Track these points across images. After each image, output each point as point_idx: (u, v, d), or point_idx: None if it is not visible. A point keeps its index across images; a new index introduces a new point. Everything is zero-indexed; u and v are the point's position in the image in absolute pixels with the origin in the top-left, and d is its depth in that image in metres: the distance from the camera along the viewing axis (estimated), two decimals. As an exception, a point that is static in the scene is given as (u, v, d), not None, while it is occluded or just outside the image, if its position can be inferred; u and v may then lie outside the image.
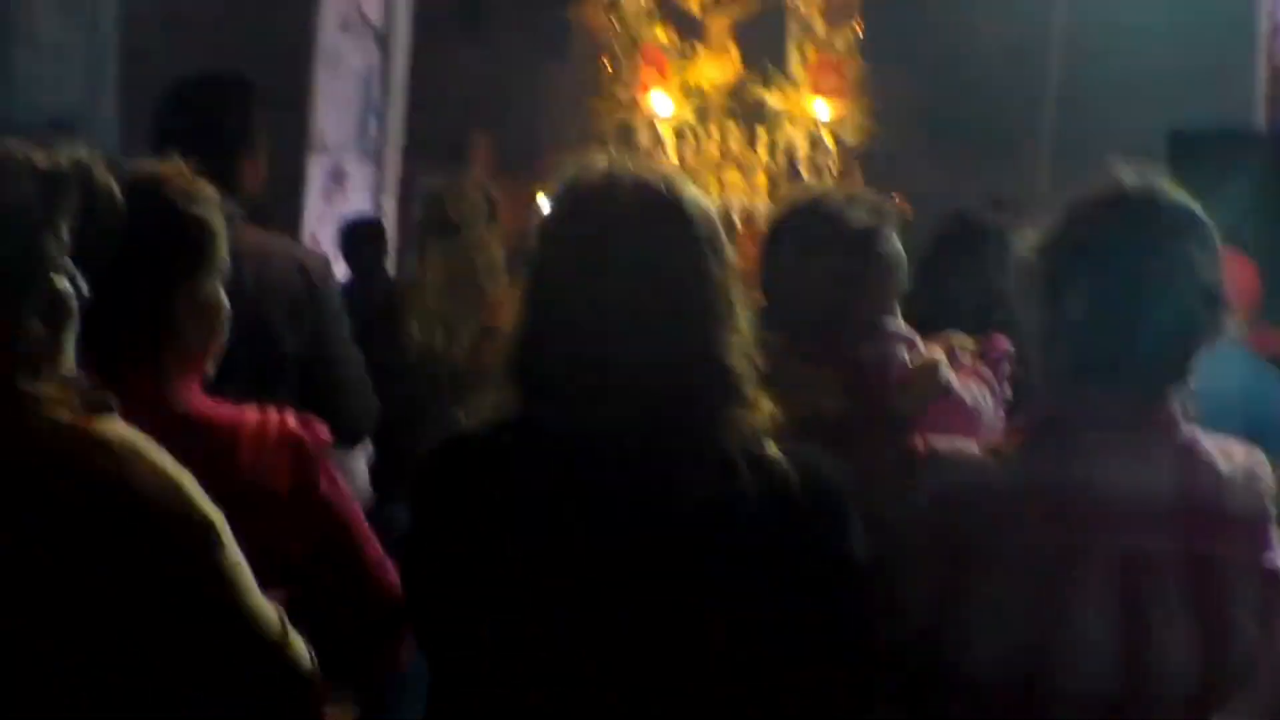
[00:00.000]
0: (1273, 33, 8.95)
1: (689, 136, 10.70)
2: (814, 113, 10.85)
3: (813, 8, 11.13)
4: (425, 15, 9.25)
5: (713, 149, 10.71)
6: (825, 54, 11.09)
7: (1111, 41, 10.46)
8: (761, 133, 10.84)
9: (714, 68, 10.90)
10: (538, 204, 1.94)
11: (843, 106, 10.91)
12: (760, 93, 10.91)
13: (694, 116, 10.71)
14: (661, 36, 10.87)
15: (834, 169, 10.60)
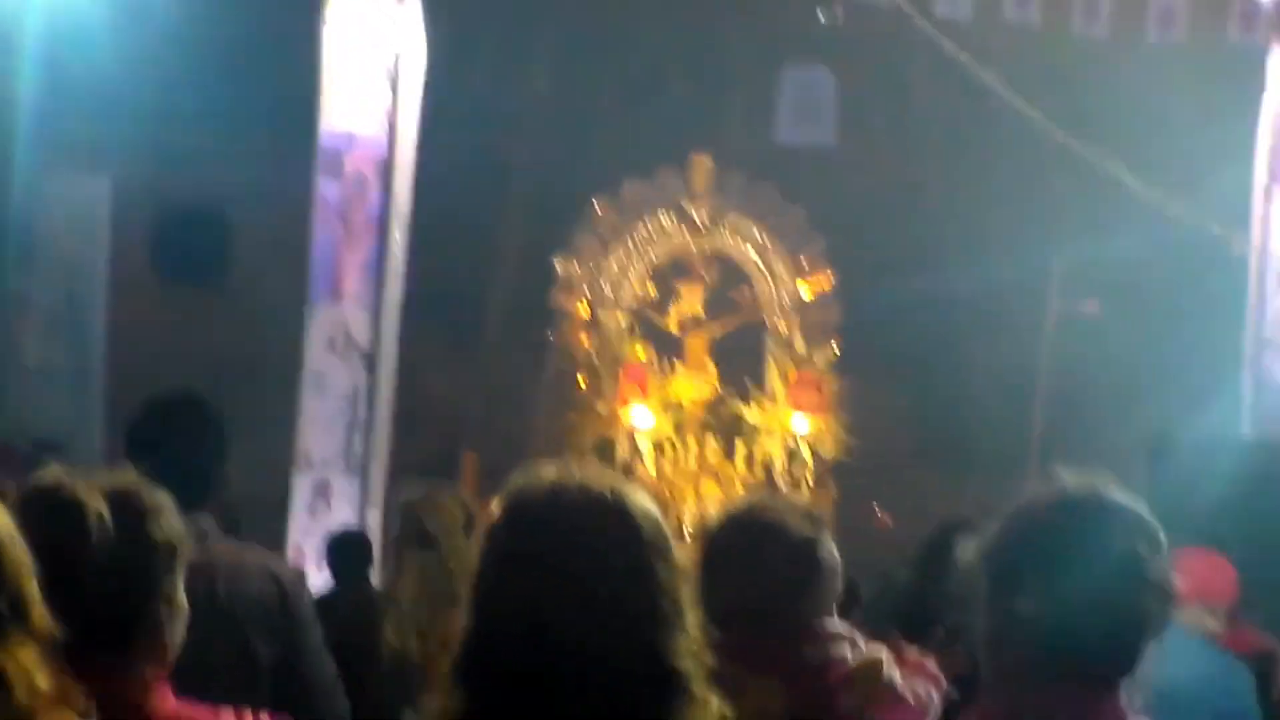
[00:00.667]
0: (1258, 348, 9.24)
1: (667, 449, 10.86)
2: (792, 427, 11.02)
3: (792, 327, 11.40)
4: (411, 337, 9.48)
5: (690, 461, 10.85)
6: (804, 371, 11.32)
7: (1097, 362, 10.73)
8: (739, 445, 11.00)
9: (692, 384, 11.12)
10: (488, 513, 2.00)
11: (821, 421, 11.09)
12: (738, 408, 11.11)
13: (672, 430, 10.88)
14: (640, 354, 11.12)
15: (809, 481, 10.73)
